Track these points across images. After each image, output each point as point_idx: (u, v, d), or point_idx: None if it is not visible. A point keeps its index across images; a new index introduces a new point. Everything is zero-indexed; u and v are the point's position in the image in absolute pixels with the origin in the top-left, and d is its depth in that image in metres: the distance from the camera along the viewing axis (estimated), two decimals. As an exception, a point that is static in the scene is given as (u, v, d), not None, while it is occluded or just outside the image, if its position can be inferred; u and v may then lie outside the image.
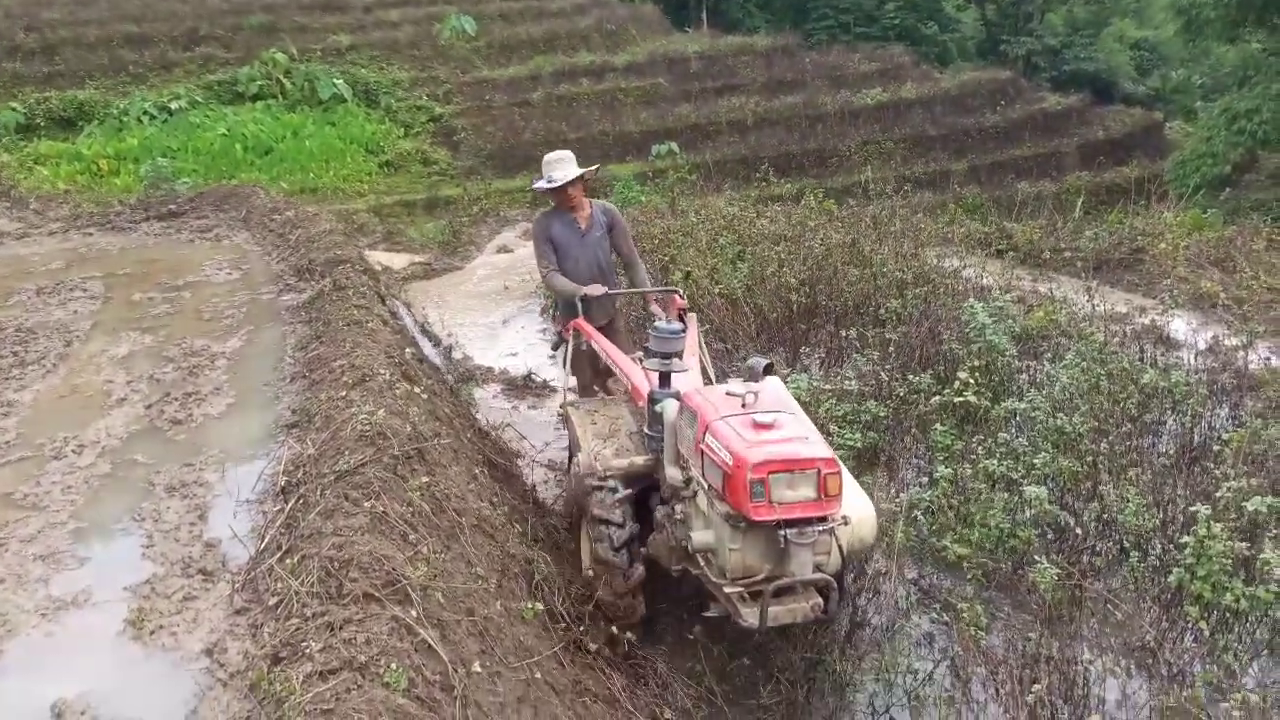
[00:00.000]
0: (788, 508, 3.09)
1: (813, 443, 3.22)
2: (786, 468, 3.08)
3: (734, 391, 3.42)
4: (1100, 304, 6.71)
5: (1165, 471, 4.65)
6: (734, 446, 3.12)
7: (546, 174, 4.95)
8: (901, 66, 24.48)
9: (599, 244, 5.14)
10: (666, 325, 3.91)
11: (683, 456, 3.54)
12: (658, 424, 3.74)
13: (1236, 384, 5.61)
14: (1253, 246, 8.77)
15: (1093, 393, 5.03)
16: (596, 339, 4.82)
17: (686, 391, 3.59)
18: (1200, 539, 3.74)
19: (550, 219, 5.14)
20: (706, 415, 3.31)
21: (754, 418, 3.23)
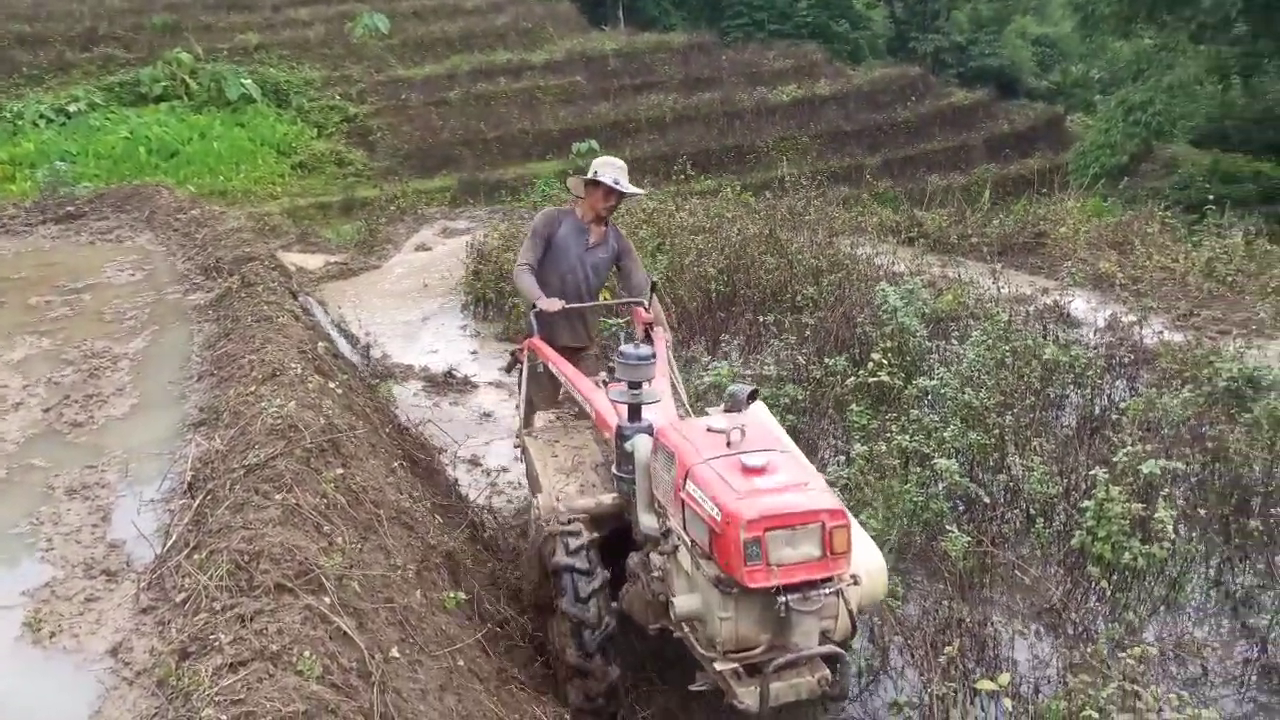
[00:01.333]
0: (788, 570, 2.61)
1: (814, 490, 2.73)
2: (785, 523, 2.59)
3: (716, 427, 2.93)
4: (1005, 286, 6.96)
5: (1068, 441, 4.85)
6: (722, 498, 2.64)
7: (605, 173, 4.43)
8: (815, 64, 24.93)
9: (600, 265, 4.70)
10: (633, 349, 3.37)
11: (659, 502, 3.09)
12: (628, 463, 3.25)
13: (1133, 358, 5.89)
14: (1147, 230, 9.21)
15: (998, 369, 5.21)
16: (556, 363, 4.31)
17: (661, 427, 3.10)
18: (1099, 502, 3.90)
19: (561, 217, 4.68)
20: (687, 458, 2.83)
21: (742, 460, 2.75)
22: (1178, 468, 4.11)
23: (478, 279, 8.50)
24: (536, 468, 3.93)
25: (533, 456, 4.04)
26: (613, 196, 4.51)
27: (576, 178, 4.67)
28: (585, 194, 4.58)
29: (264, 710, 2.07)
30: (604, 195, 4.48)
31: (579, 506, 3.47)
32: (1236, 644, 3.77)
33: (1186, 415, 4.64)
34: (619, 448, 3.37)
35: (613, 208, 4.60)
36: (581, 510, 3.43)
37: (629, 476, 3.27)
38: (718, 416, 3.18)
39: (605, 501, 3.52)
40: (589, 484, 3.74)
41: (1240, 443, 4.42)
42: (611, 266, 4.78)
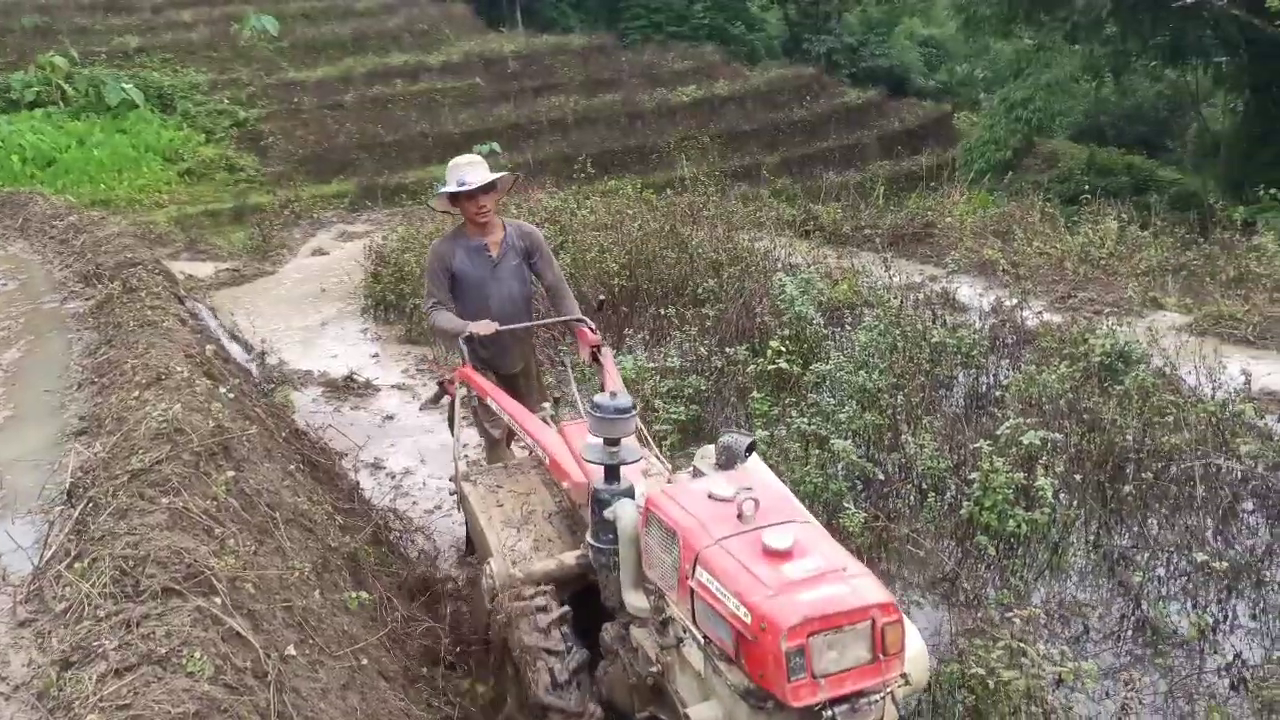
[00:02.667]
0: (836, 680, 2.15)
1: (857, 577, 2.24)
2: (831, 624, 2.12)
3: (720, 494, 2.46)
4: (896, 275, 7.21)
5: (956, 419, 5.06)
6: (751, 597, 2.16)
7: (454, 178, 4.04)
8: (714, 65, 25.28)
9: (516, 274, 4.27)
10: (609, 400, 2.79)
11: (650, 581, 2.63)
12: (606, 533, 2.79)
13: (1015, 338, 6.18)
14: (1028, 219, 9.67)
15: (890, 353, 5.41)
16: (493, 396, 3.81)
17: (653, 496, 2.60)
18: (985, 474, 4.09)
19: (452, 245, 4.21)
20: (694, 538, 2.37)
21: (764, 540, 2.26)
22: (1056, 438, 4.34)
23: (377, 281, 8.36)
24: (481, 522, 3.46)
25: (474, 507, 3.55)
26: (479, 197, 4.05)
27: (436, 199, 4.28)
28: (455, 208, 4.19)
29: (152, 713, 2.02)
30: (468, 200, 4.05)
31: (539, 572, 3.05)
32: (1114, 602, 3.99)
33: (1064, 389, 4.89)
34: (596, 514, 2.81)
35: (486, 208, 4.11)
36: (543, 576, 3.02)
37: (609, 547, 2.77)
38: (715, 478, 2.64)
39: (569, 562, 3.09)
40: (544, 538, 3.32)
41: (1113, 413, 4.68)
42: (528, 268, 4.35)
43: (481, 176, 4.01)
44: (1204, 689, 3.49)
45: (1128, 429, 4.59)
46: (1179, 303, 7.06)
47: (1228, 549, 4.06)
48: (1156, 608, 3.81)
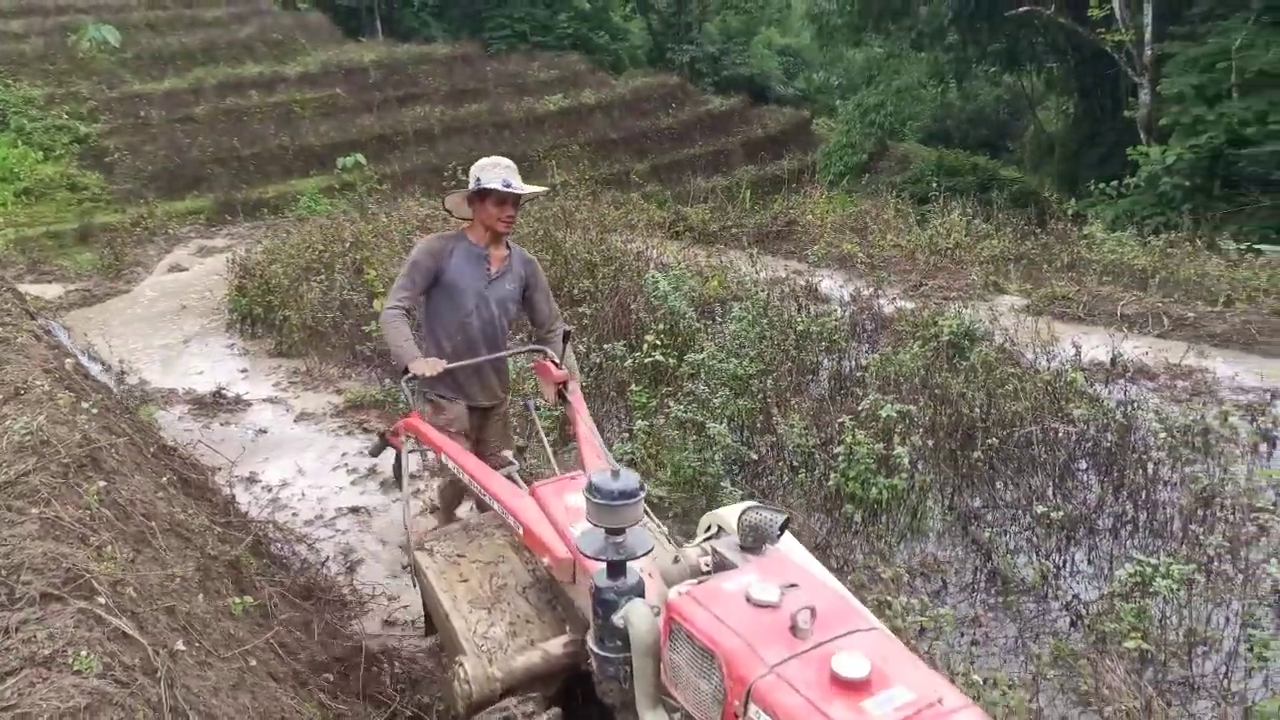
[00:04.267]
0: None
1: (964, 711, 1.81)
2: None
3: (762, 599, 2.04)
4: (762, 270, 7.56)
5: (822, 400, 5.39)
6: None
7: (493, 178, 3.55)
8: (579, 74, 25.54)
9: (508, 299, 3.84)
10: (610, 481, 2.29)
11: (675, 701, 2.20)
12: (615, 639, 2.35)
13: (873, 324, 6.60)
14: (883, 216, 10.28)
15: (759, 341, 5.70)
16: (447, 450, 3.33)
17: (676, 604, 2.16)
18: (849, 446, 4.40)
19: (451, 244, 3.73)
20: (742, 665, 1.92)
21: (833, 668, 1.84)
22: (911, 411, 4.69)
23: (243, 295, 8.15)
24: (444, 605, 2.97)
25: (434, 585, 3.07)
26: (509, 204, 3.62)
27: (456, 194, 3.79)
28: (475, 211, 3.69)
29: (41, 710, 2.02)
30: (498, 205, 3.60)
31: (522, 669, 2.64)
32: (968, 558, 4.35)
33: (917, 368, 5.28)
34: (600, 616, 2.39)
35: (512, 219, 3.69)
36: (526, 673, 2.63)
37: (617, 656, 2.35)
38: (748, 572, 2.21)
39: (555, 652, 2.69)
40: (521, 619, 2.89)
41: (961, 387, 5.09)
42: (520, 298, 3.91)
43: (519, 183, 3.60)
44: (1048, 628, 3.86)
45: (974, 400, 5.00)
46: (1019, 287, 7.67)
47: (1065, 503, 4.49)
48: (1005, 560, 4.18)
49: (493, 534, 3.33)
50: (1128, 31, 15.61)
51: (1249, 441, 4.65)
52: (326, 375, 7.07)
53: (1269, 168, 14.24)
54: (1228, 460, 4.41)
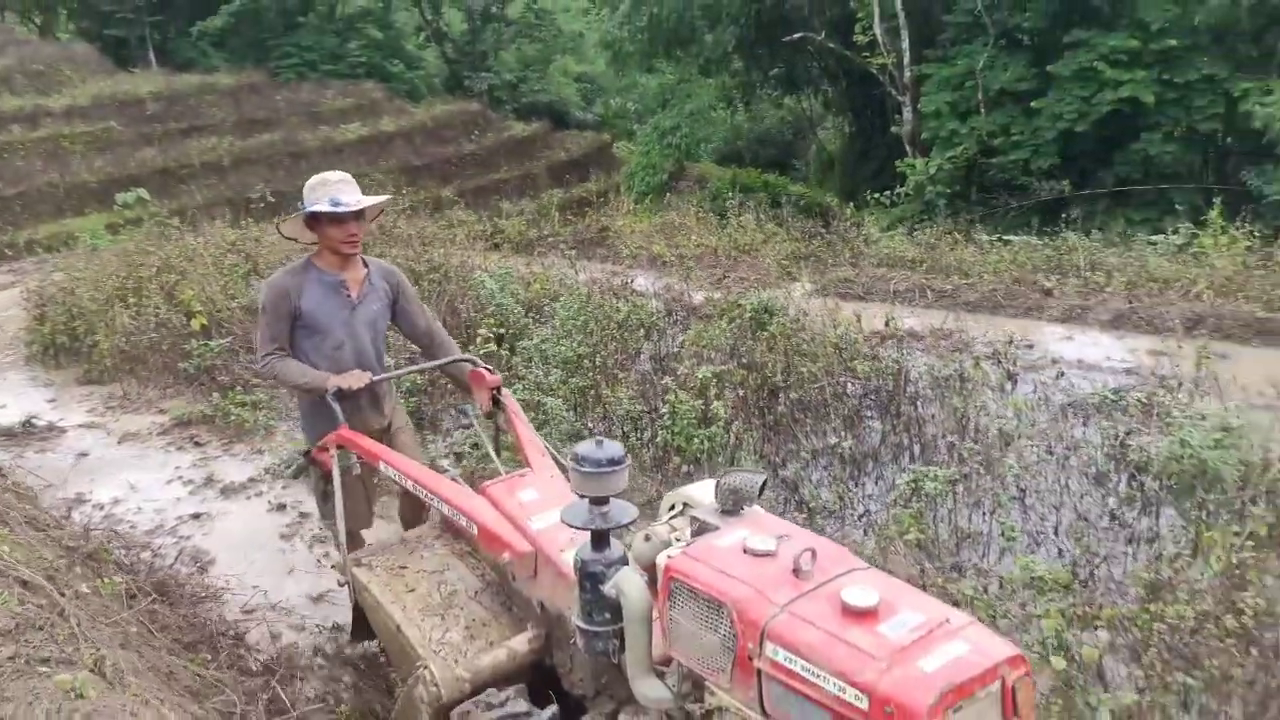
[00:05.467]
0: None
1: (968, 628, 1.91)
2: (965, 693, 1.77)
3: (759, 548, 2.08)
4: (581, 272, 8.17)
5: (645, 375, 6.02)
6: (862, 675, 1.78)
7: (323, 196, 3.33)
8: (376, 101, 25.48)
9: (377, 319, 3.61)
10: (594, 448, 2.31)
11: (683, 666, 2.17)
12: (604, 611, 2.34)
13: (685, 312, 7.34)
14: (686, 223, 11.21)
15: (584, 327, 6.27)
16: (387, 458, 3.26)
17: (675, 563, 2.14)
18: (672, 405, 5.03)
19: (300, 279, 3.44)
20: (753, 609, 1.97)
21: (843, 599, 1.91)
22: (724, 372, 5.39)
23: (43, 324, 7.89)
24: (394, 616, 2.91)
25: (378, 597, 3.01)
26: (349, 222, 3.36)
27: (290, 221, 3.52)
28: (317, 235, 3.45)
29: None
30: (335, 225, 3.35)
31: (488, 667, 2.63)
32: (779, 493, 5.06)
33: (727, 339, 6.01)
34: (587, 590, 2.36)
35: (358, 237, 3.43)
36: (492, 671, 2.62)
37: (606, 629, 2.34)
38: (735, 528, 2.22)
39: (520, 649, 2.69)
40: (477, 623, 2.88)
41: (763, 353, 5.86)
42: (390, 315, 3.70)
43: (357, 197, 3.36)
44: (846, 540, 4.60)
45: (776, 364, 5.77)
46: (809, 277, 8.67)
47: (855, 441, 5.30)
48: (810, 490, 4.91)
49: (433, 545, 3.28)
50: (889, 55, 17.50)
51: (996, 381, 5.66)
52: (146, 397, 7.02)
53: (1014, 174, 16.42)
54: (980, 395, 5.36)
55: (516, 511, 2.83)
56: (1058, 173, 15.79)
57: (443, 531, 3.32)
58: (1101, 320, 6.68)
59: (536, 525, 2.77)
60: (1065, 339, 6.50)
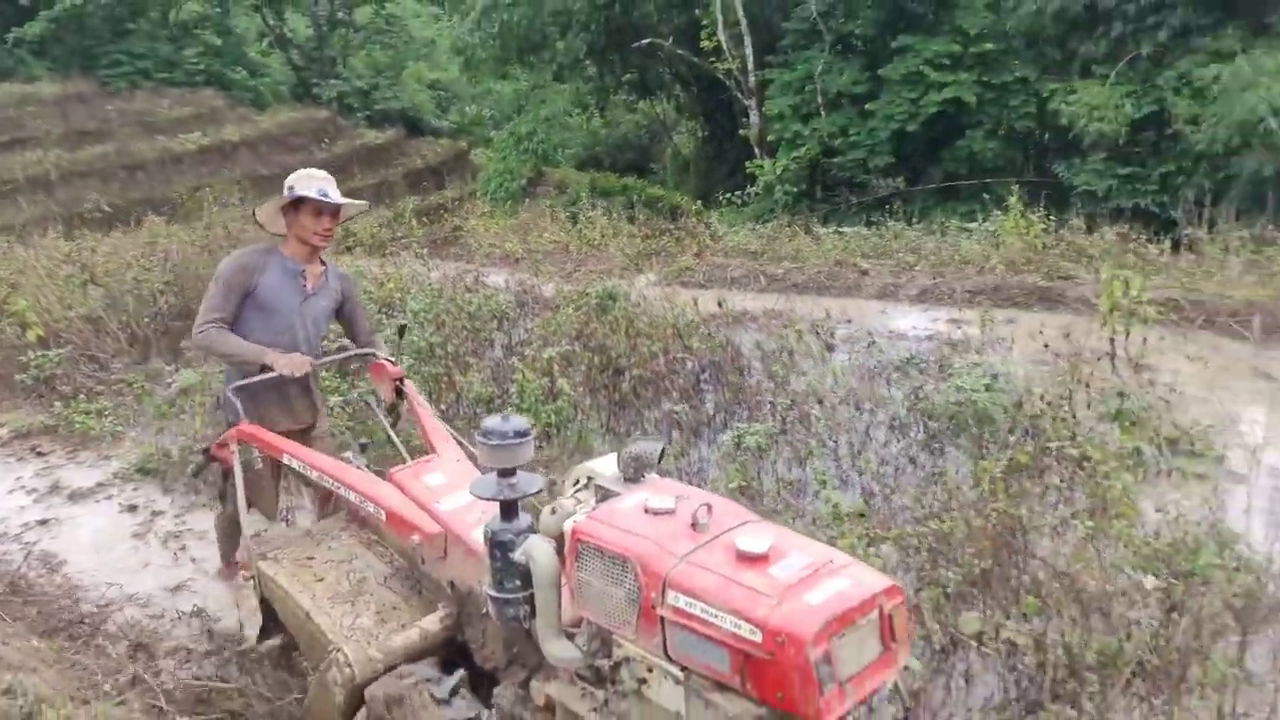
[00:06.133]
0: (858, 682, 1.98)
1: (849, 566, 2.10)
2: (848, 621, 1.96)
3: (659, 506, 2.24)
4: (435, 270, 8.49)
5: (499, 362, 6.41)
6: (755, 611, 1.94)
7: (308, 186, 3.52)
8: (218, 110, 24.84)
9: (322, 317, 3.79)
10: (501, 422, 2.44)
11: (592, 625, 2.34)
12: (514, 578, 2.46)
13: (538, 304, 7.77)
14: (540, 223, 11.66)
15: (436, 319, 6.62)
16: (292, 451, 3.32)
17: (581, 526, 2.29)
18: (520, 383, 5.45)
19: (264, 258, 3.63)
20: (655, 561, 2.12)
21: (738, 547, 2.09)
22: (570, 353, 5.85)
23: None
24: (303, 604, 2.99)
25: (288, 588, 3.08)
26: (327, 216, 3.58)
27: (269, 205, 3.68)
28: (289, 224, 3.62)
29: None
30: (314, 216, 3.55)
31: (401, 647, 2.73)
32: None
33: (573, 324, 6.48)
34: (497, 559, 2.47)
35: (330, 233, 3.65)
36: (405, 650, 2.73)
37: (517, 595, 2.47)
38: (637, 493, 2.38)
39: (432, 628, 2.80)
40: (388, 607, 2.99)
41: (607, 335, 6.35)
42: (335, 315, 3.89)
43: (339, 196, 3.59)
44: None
45: (619, 345, 6.26)
46: (655, 270, 9.26)
47: (692, 410, 5.84)
48: (651, 456, 5.41)
49: (339, 535, 3.37)
50: (734, 60, 18.44)
51: (818, 351, 6.33)
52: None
53: (854, 172, 17.57)
54: (801, 364, 6.01)
55: (424, 495, 2.92)
56: (893, 170, 17.01)
57: (349, 523, 3.41)
58: (910, 295, 7.51)
59: (445, 507, 2.88)
60: (880, 313, 7.28)
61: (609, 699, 2.28)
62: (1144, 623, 3.34)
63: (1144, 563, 3.51)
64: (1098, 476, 4.16)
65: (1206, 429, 4.87)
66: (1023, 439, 4.62)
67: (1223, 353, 5.91)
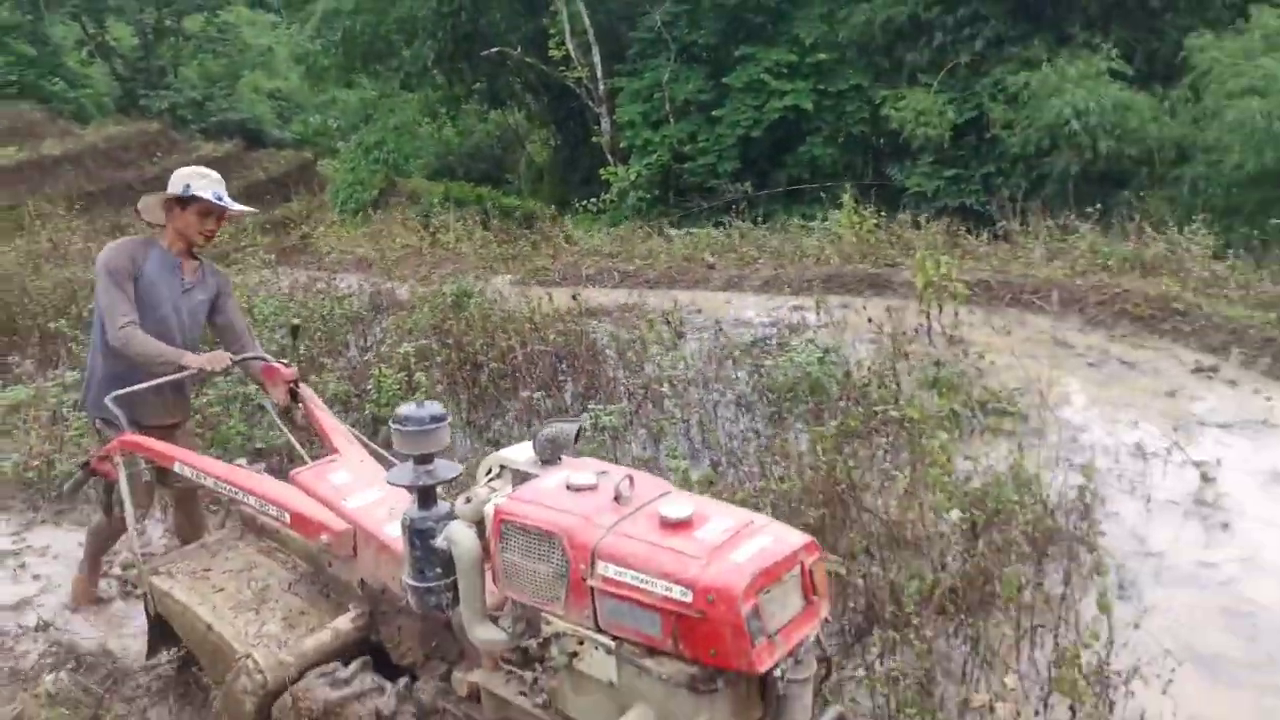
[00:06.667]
0: (785, 634, 2.09)
1: (769, 525, 2.22)
2: (773, 577, 2.07)
3: (580, 482, 2.32)
4: (284, 278, 8.45)
5: (355, 361, 6.50)
6: (686, 573, 2.03)
7: (204, 187, 3.57)
8: (36, 124, 23.52)
9: (198, 311, 3.81)
10: (417, 409, 2.45)
11: (518, 607, 2.41)
12: (435, 566, 2.47)
13: (391, 305, 7.88)
14: (393, 230, 11.68)
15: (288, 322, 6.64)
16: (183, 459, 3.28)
17: (504, 506, 2.33)
18: (377, 379, 5.58)
19: (144, 250, 3.63)
20: (581, 533, 2.19)
21: (661, 514, 2.17)
22: (427, 348, 6.01)
23: None
24: (204, 616, 2.95)
25: (186, 601, 3.03)
26: (214, 218, 3.66)
27: (152, 197, 3.71)
28: (171, 218, 3.65)
29: None
30: (201, 216, 3.62)
31: (313, 649, 2.72)
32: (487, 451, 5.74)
33: (430, 320, 6.64)
34: (418, 547, 2.48)
35: (213, 234, 3.73)
36: (318, 652, 2.71)
37: (439, 583, 2.48)
38: (555, 473, 2.45)
39: (344, 628, 2.81)
40: (295, 612, 2.97)
41: (463, 331, 6.55)
42: (210, 313, 3.89)
43: (230, 201, 3.66)
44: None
45: (476, 340, 6.47)
46: (512, 272, 9.48)
47: (549, 398, 6.09)
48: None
49: (235, 545, 3.34)
50: (583, 69, 18.81)
51: (669, 339, 6.70)
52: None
53: (704, 177, 18.23)
54: (653, 350, 6.36)
55: (330, 494, 2.92)
56: (741, 175, 17.73)
57: (244, 533, 3.38)
58: (754, 286, 8.02)
59: (352, 505, 2.88)
60: (726, 303, 7.75)
61: (538, 678, 2.34)
62: (953, 554, 3.81)
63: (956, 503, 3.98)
64: (919, 436, 4.65)
65: (1012, 391, 5.49)
66: (852, 406, 5.08)
67: (1027, 326, 6.63)
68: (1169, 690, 3.16)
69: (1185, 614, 3.81)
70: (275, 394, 3.73)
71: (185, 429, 4.01)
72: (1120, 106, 12.36)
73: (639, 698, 2.12)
